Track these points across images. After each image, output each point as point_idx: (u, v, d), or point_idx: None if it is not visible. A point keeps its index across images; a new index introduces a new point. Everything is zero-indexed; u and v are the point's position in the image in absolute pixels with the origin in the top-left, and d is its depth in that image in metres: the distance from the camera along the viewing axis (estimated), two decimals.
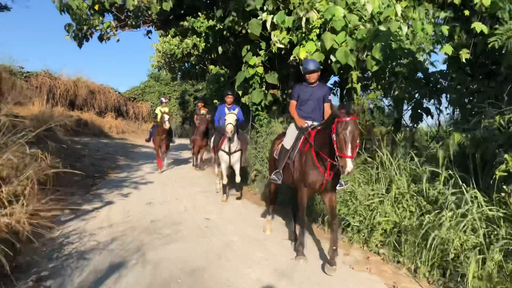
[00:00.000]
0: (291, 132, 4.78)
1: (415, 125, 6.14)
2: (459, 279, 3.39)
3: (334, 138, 3.67)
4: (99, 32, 10.15)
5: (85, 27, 9.81)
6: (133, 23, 10.10)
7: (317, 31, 5.82)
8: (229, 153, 7.19)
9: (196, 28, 13.46)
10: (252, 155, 8.60)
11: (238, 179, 7.40)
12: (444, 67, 6.01)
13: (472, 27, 4.56)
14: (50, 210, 5.34)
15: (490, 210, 3.47)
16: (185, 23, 13.38)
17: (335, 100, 7.91)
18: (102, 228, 5.07)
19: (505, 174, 3.24)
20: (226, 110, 7.44)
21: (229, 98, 7.75)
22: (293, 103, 4.86)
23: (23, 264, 3.67)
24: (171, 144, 11.64)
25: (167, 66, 20.46)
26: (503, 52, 4.07)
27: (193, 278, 3.62)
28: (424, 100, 5.83)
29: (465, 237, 3.47)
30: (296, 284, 3.61)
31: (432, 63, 5.80)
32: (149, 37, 22.79)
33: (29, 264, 3.71)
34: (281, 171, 4.68)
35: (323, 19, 5.77)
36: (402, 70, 5.65)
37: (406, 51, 5.48)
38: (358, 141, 3.66)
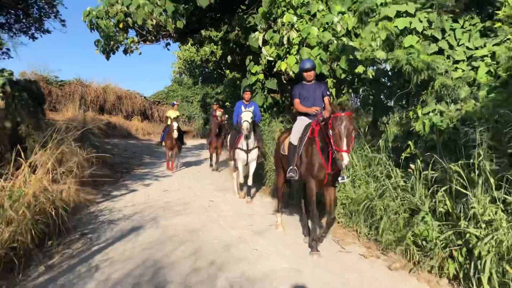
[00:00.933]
0: (297, 128, 5.05)
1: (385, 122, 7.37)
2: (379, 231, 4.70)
3: (331, 133, 3.93)
4: (124, 46, 11.78)
5: (111, 43, 11.45)
6: (153, 38, 11.68)
7: (296, 46, 7.16)
8: (247, 151, 7.24)
9: (212, 37, 14.99)
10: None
11: (250, 181, 7.41)
12: None
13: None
14: (88, 194, 6.93)
15: (405, 182, 4.75)
16: (203, 32, 14.88)
17: None
18: (127, 207, 6.57)
19: (408, 155, 4.53)
20: (242, 107, 7.15)
21: (247, 94, 7.56)
22: (297, 100, 5.17)
23: (71, 226, 5.19)
24: (185, 146, 12.26)
25: (187, 72, 22.13)
26: None
27: (191, 235, 5.04)
28: (388, 100, 7.07)
29: (386, 203, 4.76)
30: (267, 239, 4.97)
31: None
32: (168, 49, 24.38)
33: (75, 226, 5.24)
34: (295, 167, 4.80)
35: (301, 37, 7.12)
36: (368, 76, 6.92)
37: (369, 60, 6.75)
38: (353, 135, 3.91)
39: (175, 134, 10.42)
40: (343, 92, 7.30)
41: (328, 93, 5.15)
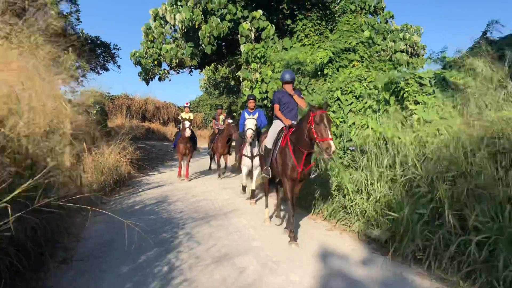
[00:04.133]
0: (272, 132, 5.74)
1: None
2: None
3: (314, 129, 4.50)
4: (158, 75, 16.91)
5: (149, 73, 16.61)
6: (179, 69, 16.74)
7: (259, 83, 11.79)
8: (251, 157, 7.81)
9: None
10: None
11: (253, 186, 7.89)
12: None
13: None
14: (135, 172, 11.93)
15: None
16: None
17: None
18: (156, 178, 11.49)
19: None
20: (246, 115, 7.80)
21: (251, 103, 8.20)
22: (277, 106, 5.79)
23: (124, 186, 10.10)
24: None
25: (212, 86, 27.22)
26: None
27: (187, 189, 9.84)
28: None
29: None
30: (242, 208, 9.66)
31: None
32: (191, 75, 28.73)
33: (127, 185, 10.19)
34: (269, 168, 5.64)
35: (261, 76, 11.77)
36: None
37: None
38: (331, 124, 4.53)
39: (187, 133, 10.19)
40: None
41: (301, 95, 5.96)
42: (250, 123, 7.47)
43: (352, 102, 7.30)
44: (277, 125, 5.77)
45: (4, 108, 3.16)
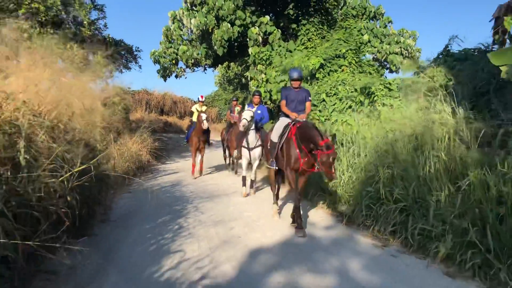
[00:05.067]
0: (278, 127, 6.13)
1: None
2: None
3: (319, 162, 4.97)
4: (175, 73, 18.49)
5: (167, 71, 18.21)
6: (194, 68, 18.30)
7: (264, 82, 13.21)
8: (250, 149, 7.98)
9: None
10: None
11: (253, 176, 8.32)
12: None
13: None
14: (153, 161, 13.56)
15: None
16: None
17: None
18: (172, 167, 13.10)
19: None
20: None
21: (256, 99, 8.57)
22: (283, 102, 6.20)
23: (144, 172, 11.72)
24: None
25: (226, 82, 28.74)
26: None
27: (203, 187, 11.39)
28: None
29: None
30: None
31: None
32: (205, 73, 30.13)
33: (146, 171, 11.82)
34: (274, 159, 6.11)
35: (266, 77, 13.19)
36: None
37: None
38: (335, 160, 5.03)
39: (205, 125, 9.87)
40: None
41: (309, 98, 6.32)
42: (246, 114, 7.69)
43: (335, 103, 8.70)
44: (283, 120, 6.20)
45: (63, 109, 4.64)
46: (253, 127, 7.90)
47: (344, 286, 3.76)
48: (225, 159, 12.44)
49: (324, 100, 8.75)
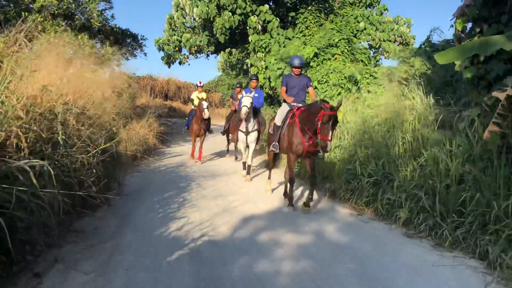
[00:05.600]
0: (281, 112, 6.44)
1: None
2: None
3: (319, 126, 5.03)
4: (178, 60, 19.24)
5: (171, 58, 18.96)
6: (197, 54, 19.04)
7: (263, 69, 13.94)
8: (246, 133, 8.26)
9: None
10: None
11: (249, 161, 8.47)
12: None
13: None
14: (159, 144, 14.44)
15: None
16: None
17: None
18: (177, 151, 13.98)
19: None
20: (245, 93, 8.07)
21: (253, 83, 8.93)
22: (283, 88, 6.50)
23: (150, 154, 12.62)
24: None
25: (229, 67, 29.38)
26: None
27: (206, 167, 12.28)
28: None
29: None
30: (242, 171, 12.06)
31: None
32: (208, 59, 30.56)
33: (153, 153, 12.72)
34: (277, 143, 6.29)
35: (265, 64, 13.93)
36: None
37: None
38: (336, 128, 5.26)
39: (206, 114, 9.91)
40: None
41: (310, 84, 6.56)
42: (246, 100, 7.78)
43: (326, 90, 9.50)
44: (286, 106, 6.46)
45: (86, 98, 5.49)
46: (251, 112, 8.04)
47: (318, 242, 4.64)
48: (228, 149, 12.53)
49: (316, 88, 9.54)
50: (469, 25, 5.48)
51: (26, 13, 10.00)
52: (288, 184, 6.21)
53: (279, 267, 3.82)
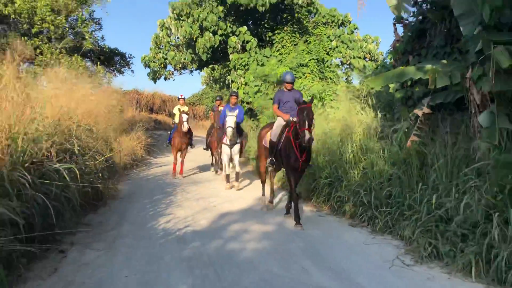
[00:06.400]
0: (276, 127, 6.57)
1: None
2: None
3: (297, 119, 5.41)
4: (164, 76, 20.46)
5: (157, 74, 20.18)
6: (181, 71, 20.31)
7: (243, 85, 15.25)
8: (230, 146, 8.74)
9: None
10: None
11: (237, 168, 9.05)
12: None
13: None
14: (145, 155, 15.57)
15: None
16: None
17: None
18: (162, 160, 15.12)
19: None
20: (227, 111, 8.54)
21: (233, 99, 9.13)
22: (275, 106, 6.65)
23: (138, 164, 13.74)
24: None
25: (212, 81, 30.69)
26: None
27: (190, 175, 13.46)
28: None
29: None
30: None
31: None
32: (192, 75, 31.71)
33: (142, 164, 13.84)
34: (273, 159, 6.48)
35: (245, 80, 15.24)
36: None
37: None
38: (313, 120, 5.49)
39: (185, 127, 9.97)
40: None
41: (302, 99, 6.34)
42: (230, 120, 8.20)
43: None
44: (280, 121, 6.51)
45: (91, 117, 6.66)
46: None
47: (278, 230, 5.88)
48: (212, 163, 12.60)
49: None
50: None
51: (25, 38, 11.14)
52: (292, 202, 6.23)
53: (245, 246, 5.04)
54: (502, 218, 3.97)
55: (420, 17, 6.30)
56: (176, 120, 10.83)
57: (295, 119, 5.89)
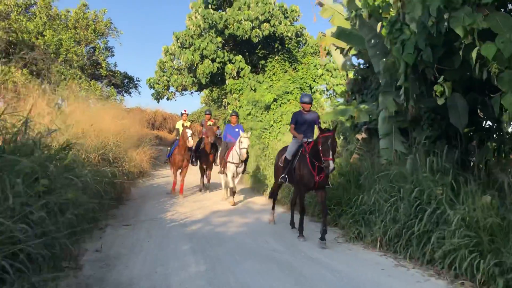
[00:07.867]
0: (291, 147, 6.88)
1: None
2: None
3: (320, 148, 5.58)
4: (166, 96, 22.77)
5: (160, 94, 22.48)
6: (183, 92, 22.63)
7: (238, 107, 17.47)
8: (237, 165, 9.24)
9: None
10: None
11: (235, 187, 9.75)
12: None
13: None
14: (149, 168, 17.70)
15: None
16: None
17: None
18: (164, 172, 17.23)
19: None
20: (239, 131, 9.19)
21: (234, 118, 9.80)
22: (292, 126, 6.91)
23: (146, 173, 15.86)
24: None
25: (211, 101, 33.03)
26: None
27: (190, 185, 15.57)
28: None
29: None
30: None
31: None
32: (192, 95, 33.45)
33: (147, 175, 15.97)
34: (286, 176, 6.83)
35: (240, 103, 17.48)
36: None
37: None
38: (336, 148, 5.73)
39: (190, 142, 9.88)
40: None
41: (318, 121, 6.70)
42: (245, 142, 8.67)
43: (280, 127, 13.03)
44: (296, 140, 6.75)
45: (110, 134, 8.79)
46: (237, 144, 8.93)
47: (255, 222, 8.04)
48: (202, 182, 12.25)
49: (272, 125, 13.08)
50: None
51: (53, 66, 13.36)
52: (299, 215, 6.64)
53: (228, 229, 7.21)
54: (395, 207, 6.12)
55: (362, 66, 8.57)
56: (180, 135, 10.47)
57: (309, 140, 6.47)
